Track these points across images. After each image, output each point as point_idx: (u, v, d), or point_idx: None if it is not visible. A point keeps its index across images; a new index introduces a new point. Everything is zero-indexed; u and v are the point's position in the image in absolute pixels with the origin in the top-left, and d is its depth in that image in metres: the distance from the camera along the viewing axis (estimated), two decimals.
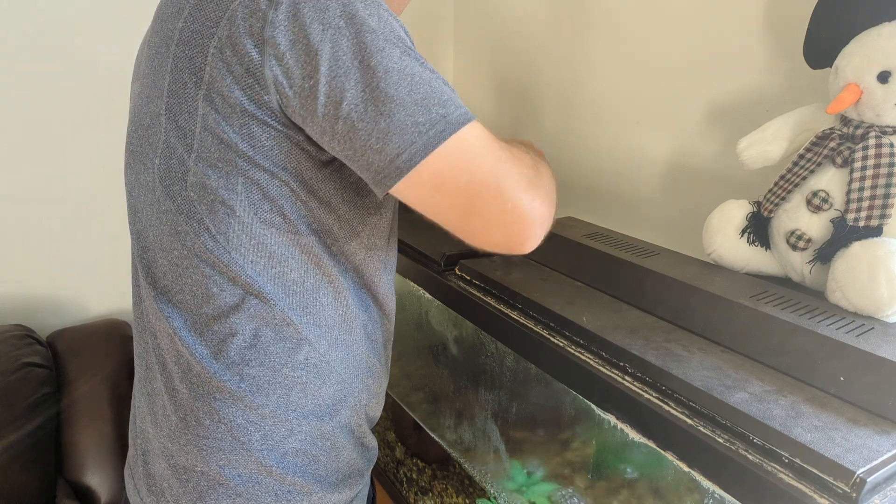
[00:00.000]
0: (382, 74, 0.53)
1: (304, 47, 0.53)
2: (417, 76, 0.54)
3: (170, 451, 0.67)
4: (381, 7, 0.56)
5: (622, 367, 0.68)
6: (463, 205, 0.56)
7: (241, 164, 0.58)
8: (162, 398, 0.67)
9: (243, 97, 0.56)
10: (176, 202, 0.61)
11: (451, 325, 1.04)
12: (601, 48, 1.25)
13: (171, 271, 0.64)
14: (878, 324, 0.66)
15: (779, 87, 0.95)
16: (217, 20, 0.55)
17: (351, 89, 0.53)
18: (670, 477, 0.69)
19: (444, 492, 1.26)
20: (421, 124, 0.53)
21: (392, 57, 0.53)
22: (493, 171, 0.55)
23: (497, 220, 0.57)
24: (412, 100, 0.53)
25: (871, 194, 0.71)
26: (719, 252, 0.84)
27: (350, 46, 0.53)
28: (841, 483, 0.50)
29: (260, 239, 0.61)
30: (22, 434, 1.13)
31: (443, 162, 0.54)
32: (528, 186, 0.57)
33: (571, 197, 1.38)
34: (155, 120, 0.62)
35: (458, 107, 0.55)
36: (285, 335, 0.64)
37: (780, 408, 0.58)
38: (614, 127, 1.25)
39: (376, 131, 0.53)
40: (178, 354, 0.65)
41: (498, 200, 0.55)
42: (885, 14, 0.72)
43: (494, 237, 0.58)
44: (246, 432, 0.64)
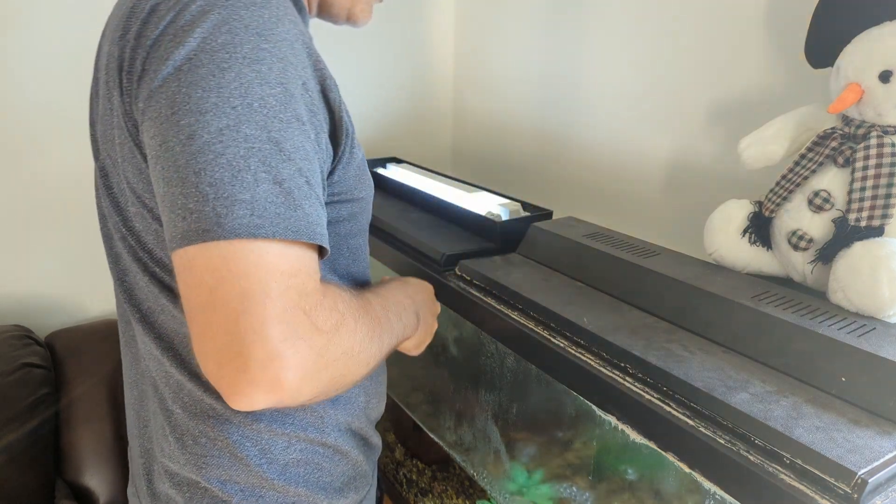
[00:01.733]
0: (184, 139, 0.45)
1: (149, 81, 0.48)
2: (225, 159, 0.45)
3: (172, 471, 0.65)
4: (254, 66, 0.47)
5: (623, 367, 0.68)
6: (194, 314, 0.47)
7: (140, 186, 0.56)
8: (159, 419, 0.66)
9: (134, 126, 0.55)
10: (122, 232, 0.60)
11: (451, 325, 1.04)
12: (602, 48, 1.25)
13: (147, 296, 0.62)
14: (879, 324, 0.66)
15: (780, 86, 0.95)
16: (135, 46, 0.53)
17: (154, 137, 0.48)
18: (671, 478, 0.69)
19: (444, 493, 1.26)
20: (190, 212, 0.45)
21: (207, 125, 0.45)
22: (245, 297, 0.44)
23: (215, 354, 0.46)
24: (196, 181, 0.45)
25: (872, 194, 0.70)
26: (720, 252, 0.83)
27: (173, 95, 0.47)
28: (842, 484, 0.50)
29: None
30: (20, 434, 1.13)
31: (196, 261, 0.45)
32: (281, 341, 0.45)
33: (571, 197, 1.38)
34: (94, 145, 0.62)
35: (256, 214, 0.45)
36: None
37: (781, 408, 0.58)
38: (615, 127, 1.25)
39: (157, 192, 0.48)
40: (167, 375, 0.63)
41: (229, 335, 0.45)
42: (887, 13, 0.72)
43: (207, 368, 0.47)
44: (243, 448, 0.62)
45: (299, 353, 0.46)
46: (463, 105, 1.74)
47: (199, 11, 0.48)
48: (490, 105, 1.62)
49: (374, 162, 1.44)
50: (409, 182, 1.29)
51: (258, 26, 0.49)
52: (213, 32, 0.47)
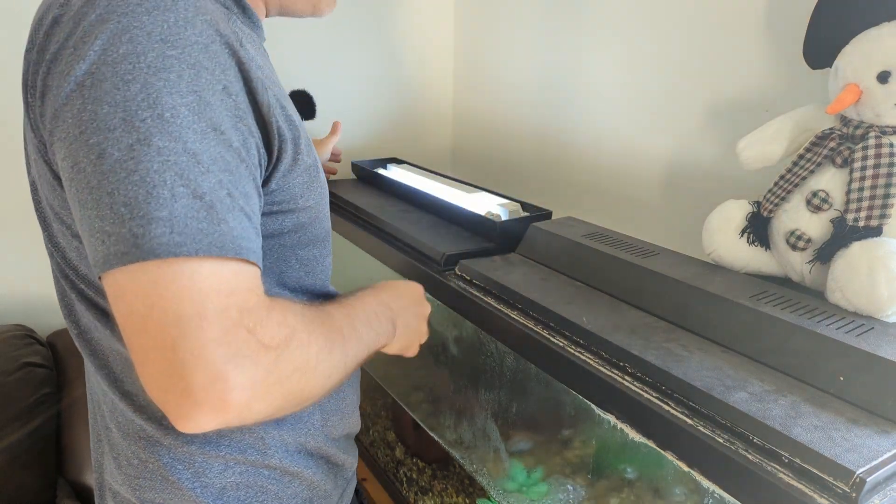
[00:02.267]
0: (94, 159, 0.43)
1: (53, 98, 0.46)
2: (138, 175, 0.42)
3: (114, 490, 0.64)
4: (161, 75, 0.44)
5: (622, 366, 0.68)
6: (131, 341, 0.44)
7: None
8: (101, 437, 0.65)
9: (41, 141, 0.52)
10: (51, 248, 0.58)
11: (451, 325, 1.04)
12: (602, 48, 1.25)
13: (81, 313, 0.60)
14: (877, 324, 0.67)
15: (778, 87, 0.95)
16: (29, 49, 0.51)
17: (64, 159, 0.45)
18: (670, 477, 0.69)
19: (444, 491, 1.26)
20: (107, 234, 0.43)
21: (118, 142, 0.43)
22: (179, 322, 0.42)
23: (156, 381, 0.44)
24: (110, 201, 0.42)
25: (870, 194, 0.71)
26: (719, 252, 0.84)
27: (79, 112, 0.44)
28: (841, 483, 0.50)
29: None
30: (22, 434, 1.13)
31: (121, 286, 0.44)
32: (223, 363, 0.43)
33: (571, 197, 1.38)
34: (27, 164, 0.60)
35: (176, 231, 0.43)
36: None
37: (779, 408, 0.58)
38: (614, 127, 1.25)
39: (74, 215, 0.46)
40: (104, 394, 0.61)
41: (166, 363, 0.43)
42: (885, 14, 0.72)
43: (152, 393, 0.45)
44: (174, 470, 0.59)
45: (245, 371, 0.44)
46: (463, 105, 1.74)
47: (97, 20, 0.45)
48: (490, 105, 1.62)
49: (374, 162, 1.44)
50: (409, 182, 1.29)
51: (162, 32, 0.45)
52: (113, 43, 0.44)
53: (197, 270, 0.43)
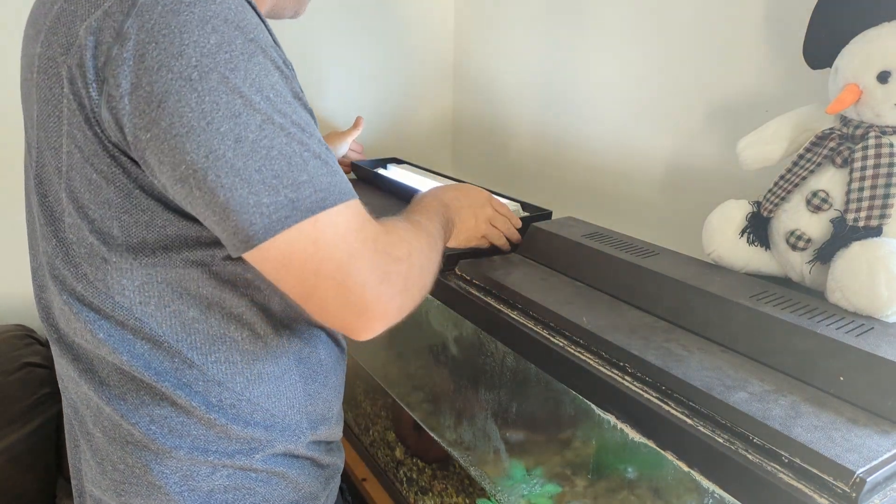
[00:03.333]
0: (231, 143, 0.47)
1: (146, 95, 0.46)
2: (276, 150, 0.48)
3: (95, 497, 0.63)
4: (253, 60, 0.49)
5: (622, 366, 0.68)
6: (304, 289, 0.53)
7: (115, 205, 0.53)
8: (80, 442, 0.64)
9: (97, 136, 0.50)
10: (52, 244, 0.57)
11: (451, 325, 1.04)
12: (602, 47, 1.25)
13: (62, 315, 0.59)
14: (877, 324, 0.67)
15: (778, 87, 0.95)
16: (68, 47, 0.49)
17: (192, 153, 0.47)
18: (670, 477, 0.69)
19: (444, 492, 1.26)
20: (264, 206, 0.48)
21: (248, 124, 0.47)
22: (340, 266, 0.51)
23: (335, 312, 0.53)
24: (260, 178, 0.48)
25: (870, 194, 0.71)
26: (719, 252, 0.84)
27: (198, 105, 0.46)
28: (841, 483, 0.50)
29: (144, 280, 0.56)
30: (22, 434, 1.13)
31: (286, 248, 0.50)
32: (379, 285, 0.53)
33: (571, 197, 1.39)
34: (29, 153, 0.57)
35: (318, 189, 0.50)
36: (188, 379, 0.58)
37: (779, 407, 0.58)
38: (614, 127, 1.25)
39: (214, 204, 0.48)
40: (86, 398, 0.60)
41: (341, 296, 0.52)
42: (885, 14, 0.72)
43: (330, 321, 0.55)
44: (161, 475, 0.59)
45: (394, 284, 0.54)
46: (463, 105, 1.74)
47: (167, 12, 0.47)
48: (490, 105, 1.62)
49: (374, 162, 1.44)
50: (409, 182, 1.29)
51: (233, 18, 0.48)
52: (202, 34, 0.47)
53: (337, 219, 0.51)
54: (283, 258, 0.50)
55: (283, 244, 0.49)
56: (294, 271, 0.51)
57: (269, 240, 0.49)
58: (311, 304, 0.53)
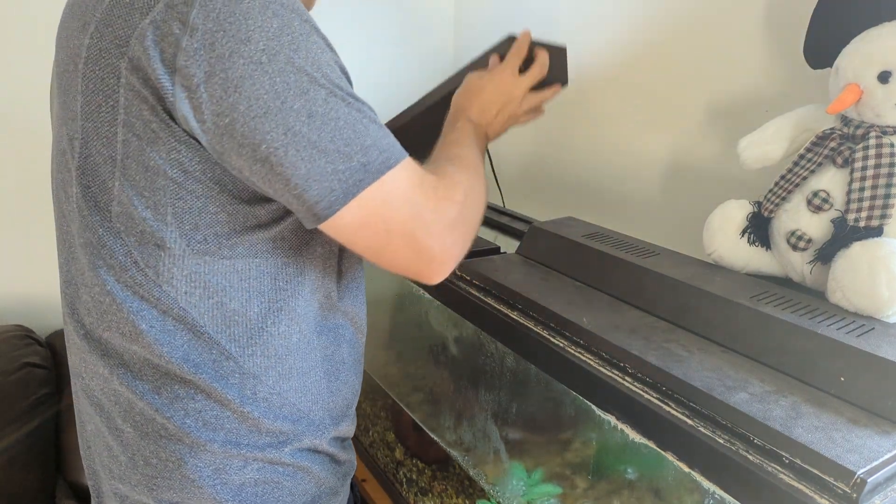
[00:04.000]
0: (305, 119, 0.50)
1: (221, 83, 0.49)
2: (342, 120, 0.52)
3: (122, 493, 0.63)
4: (310, 39, 0.52)
5: (622, 367, 0.68)
6: (378, 245, 0.58)
7: (170, 192, 0.54)
8: (104, 439, 0.64)
9: (163, 123, 0.52)
10: (97, 234, 0.57)
11: (451, 325, 1.04)
12: (601, 47, 1.25)
13: (94, 308, 0.59)
14: (878, 324, 0.66)
15: (779, 87, 0.95)
16: (127, 39, 0.50)
17: (271, 132, 0.50)
18: (670, 477, 0.69)
19: (444, 492, 1.26)
20: (341, 172, 0.52)
21: (316, 100, 0.51)
22: (408, 220, 0.56)
23: (406, 262, 0.59)
24: (334, 147, 0.52)
25: (871, 194, 0.71)
26: (720, 252, 0.83)
27: (272, 86, 0.49)
28: (841, 483, 0.50)
29: (193, 269, 0.57)
30: (22, 434, 1.13)
31: (361, 209, 0.54)
32: (443, 232, 0.59)
33: (571, 197, 1.38)
34: (70, 144, 0.58)
35: (382, 150, 0.54)
36: (225, 371, 0.60)
37: (780, 408, 0.58)
38: (614, 127, 1.25)
39: (296, 177, 0.52)
40: (115, 393, 0.61)
41: (411, 247, 0.58)
42: (886, 14, 0.72)
43: (403, 271, 0.61)
44: (195, 469, 0.60)
45: (456, 228, 0.60)
46: None
47: (230, 0, 0.49)
48: None
49: None
50: None
51: (288, 3, 0.52)
52: (265, 19, 0.50)
53: (400, 175, 0.55)
54: (358, 220, 0.55)
55: (357, 207, 0.54)
56: (368, 231, 0.56)
57: (347, 205, 0.53)
58: (383, 259, 0.59)
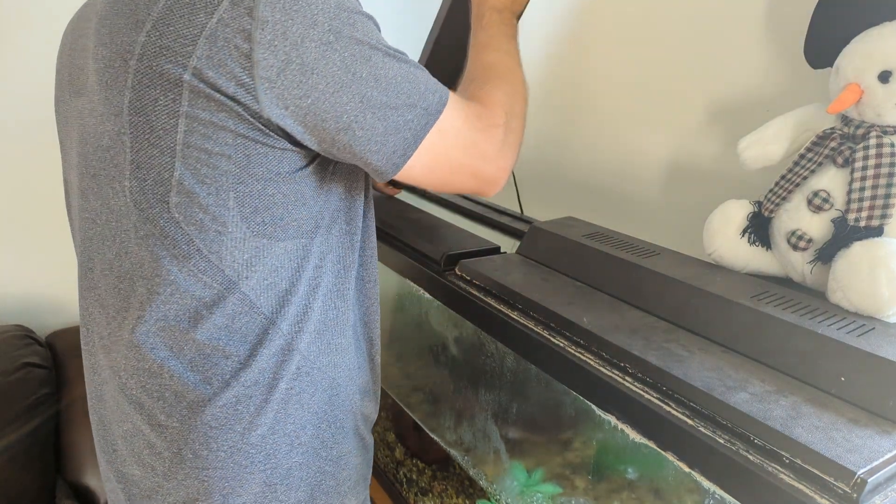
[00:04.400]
0: (374, 84, 0.57)
1: (298, 68, 0.53)
2: (400, 76, 0.58)
3: (165, 490, 0.64)
4: (357, 12, 0.57)
5: (622, 367, 0.68)
6: (444, 180, 0.66)
7: (232, 177, 0.58)
8: (144, 438, 0.64)
9: (233, 116, 0.55)
10: (158, 225, 0.59)
11: (451, 325, 1.04)
12: (601, 47, 1.25)
13: (150, 299, 0.61)
14: (879, 324, 0.66)
15: (779, 86, 0.95)
16: (193, 38, 0.53)
17: (349, 103, 0.56)
18: (671, 477, 0.69)
19: (444, 492, 1.26)
20: (410, 121, 0.59)
21: (378, 64, 0.57)
22: (465, 154, 0.64)
23: (470, 187, 0.69)
24: (401, 101, 0.58)
25: (871, 194, 0.71)
26: (720, 252, 0.83)
27: (342, 62, 0.55)
28: (842, 483, 0.50)
29: (252, 252, 0.61)
30: (21, 434, 1.13)
31: (428, 151, 0.61)
32: (496, 155, 0.67)
33: (571, 197, 1.38)
34: (118, 139, 0.59)
35: (434, 92, 0.61)
36: (276, 348, 0.63)
37: (780, 408, 0.58)
38: (614, 127, 1.25)
39: (375, 135, 0.58)
40: (161, 388, 0.62)
41: (472, 175, 0.67)
42: (886, 14, 0.72)
43: (465, 192, 0.70)
44: (247, 455, 0.63)
45: (505, 145, 0.68)
46: None
47: None
48: None
49: None
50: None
51: None
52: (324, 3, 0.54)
53: (452, 112, 0.62)
54: (426, 162, 0.62)
55: (425, 151, 0.61)
56: (436, 171, 0.64)
57: (418, 148, 0.60)
58: (449, 188, 0.69)
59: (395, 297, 1.22)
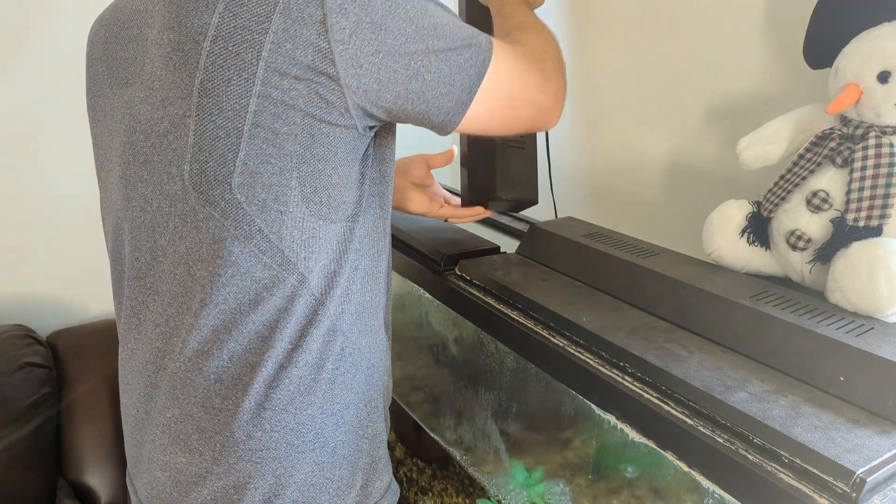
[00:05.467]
0: (433, 32, 0.60)
1: (369, 26, 0.57)
2: (452, 23, 0.62)
3: (216, 474, 0.64)
4: None
5: (622, 366, 0.68)
6: (507, 114, 0.69)
7: (296, 157, 0.59)
8: (194, 422, 0.65)
9: (308, 89, 0.57)
10: (219, 207, 0.59)
11: (451, 325, 1.05)
12: (601, 47, 1.25)
13: (211, 282, 0.61)
14: (877, 324, 0.67)
15: (779, 87, 0.95)
16: (268, 15, 0.55)
17: (416, 51, 0.59)
18: (670, 477, 0.69)
19: (444, 492, 1.26)
20: (470, 59, 0.63)
21: (433, 13, 0.61)
22: (522, 87, 0.69)
23: (533, 122, 0.73)
24: (458, 43, 0.62)
25: (870, 194, 0.71)
26: (719, 252, 0.84)
27: (405, 15, 0.59)
28: (841, 483, 0.50)
29: (311, 233, 0.63)
30: (22, 434, 1.13)
31: (489, 87, 0.64)
32: (548, 85, 0.71)
33: (572, 197, 1.38)
34: (177, 123, 0.59)
35: (481, 34, 0.65)
36: (324, 329, 0.65)
37: (779, 408, 0.58)
38: (614, 127, 1.25)
39: (442, 76, 0.61)
40: (219, 370, 0.63)
41: (533, 108, 0.71)
42: (885, 14, 0.72)
43: (530, 129, 0.76)
44: (299, 434, 0.65)
45: (550, 81, 0.72)
46: None
47: None
48: None
49: None
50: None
51: None
52: None
53: (499, 53, 0.65)
54: (488, 100, 0.65)
55: (484, 90, 0.64)
56: (497, 108, 0.67)
57: (480, 86, 0.64)
58: (513, 126, 0.72)
59: (396, 296, 1.22)
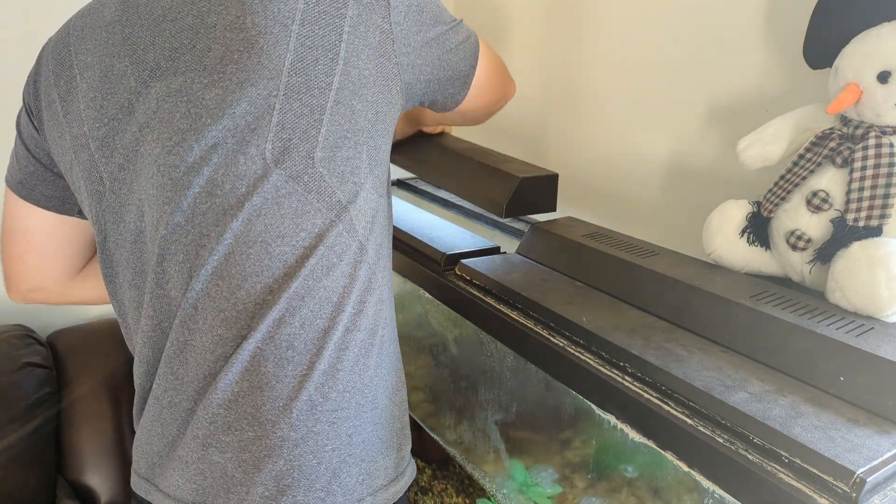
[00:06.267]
0: (442, 10, 0.72)
1: (417, 10, 0.68)
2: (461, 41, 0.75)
3: (292, 441, 0.64)
4: None
5: (622, 366, 0.68)
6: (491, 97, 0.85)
7: (366, 133, 0.64)
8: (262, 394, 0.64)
9: (375, 68, 0.64)
10: (302, 181, 0.62)
11: (451, 325, 1.05)
12: (601, 47, 1.25)
13: (292, 255, 0.62)
14: (878, 324, 0.67)
15: (779, 87, 0.95)
16: (345, 1, 0.62)
17: (440, 23, 0.71)
18: (670, 477, 0.69)
19: (444, 491, 1.26)
20: (470, 36, 0.76)
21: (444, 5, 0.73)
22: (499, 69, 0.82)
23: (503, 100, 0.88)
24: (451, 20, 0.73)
25: (871, 194, 0.71)
26: (719, 252, 0.84)
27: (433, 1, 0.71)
28: (841, 483, 0.50)
29: (373, 206, 0.68)
30: (22, 434, 1.14)
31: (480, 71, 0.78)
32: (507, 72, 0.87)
33: (571, 197, 1.38)
34: (258, 104, 0.60)
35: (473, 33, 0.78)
36: (375, 298, 0.69)
37: (780, 408, 0.58)
38: (614, 127, 1.25)
39: (456, 43, 0.73)
40: (290, 337, 0.63)
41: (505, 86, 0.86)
42: (885, 14, 0.72)
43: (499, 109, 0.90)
44: (364, 395, 0.68)
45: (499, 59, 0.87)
46: None
47: None
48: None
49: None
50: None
51: None
52: None
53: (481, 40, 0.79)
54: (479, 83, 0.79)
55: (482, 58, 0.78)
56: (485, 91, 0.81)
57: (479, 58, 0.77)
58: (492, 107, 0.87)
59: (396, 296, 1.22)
